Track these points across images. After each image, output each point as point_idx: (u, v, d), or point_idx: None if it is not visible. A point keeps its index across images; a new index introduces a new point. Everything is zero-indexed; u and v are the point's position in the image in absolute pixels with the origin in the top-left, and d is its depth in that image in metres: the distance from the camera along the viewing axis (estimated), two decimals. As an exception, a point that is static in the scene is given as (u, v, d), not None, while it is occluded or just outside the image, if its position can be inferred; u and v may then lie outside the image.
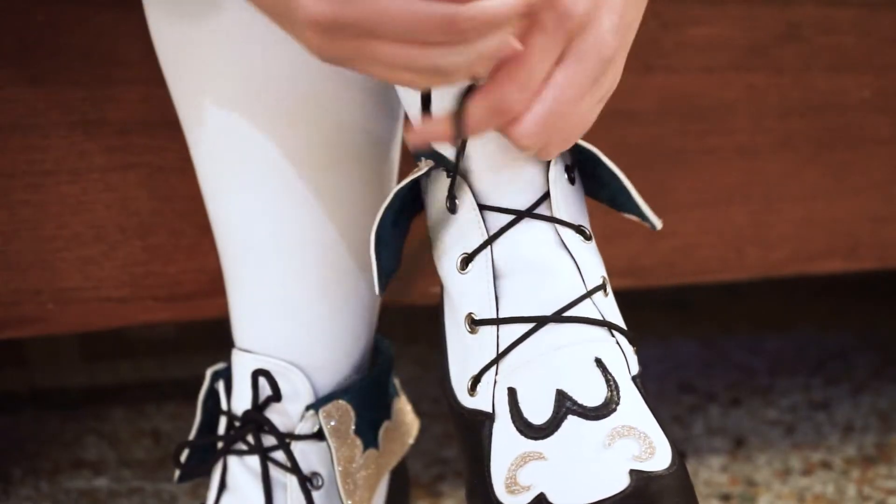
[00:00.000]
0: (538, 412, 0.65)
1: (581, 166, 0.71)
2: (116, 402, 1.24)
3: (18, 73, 0.83)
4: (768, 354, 1.36)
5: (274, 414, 0.77)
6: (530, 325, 0.66)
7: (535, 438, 0.64)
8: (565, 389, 0.64)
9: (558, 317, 0.66)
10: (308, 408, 0.77)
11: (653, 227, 0.71)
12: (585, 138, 0.69)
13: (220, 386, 0.79)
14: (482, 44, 0.57)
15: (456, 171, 0.67)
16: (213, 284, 0.85)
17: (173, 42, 0.75)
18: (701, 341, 1.41)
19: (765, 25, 0.97)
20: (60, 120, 0.84)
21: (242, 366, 0.78)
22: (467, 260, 0.68)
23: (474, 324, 0.67)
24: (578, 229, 0.68)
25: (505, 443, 0.65)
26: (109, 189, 0.85)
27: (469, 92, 0.61)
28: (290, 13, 0.58)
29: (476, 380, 0.67)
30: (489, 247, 0.67)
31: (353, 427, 0.77)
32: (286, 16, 0.59)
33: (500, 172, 0.67)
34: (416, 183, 0.71)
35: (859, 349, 1.35)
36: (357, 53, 0.57)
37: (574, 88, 0.62)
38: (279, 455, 0.76)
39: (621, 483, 0.62)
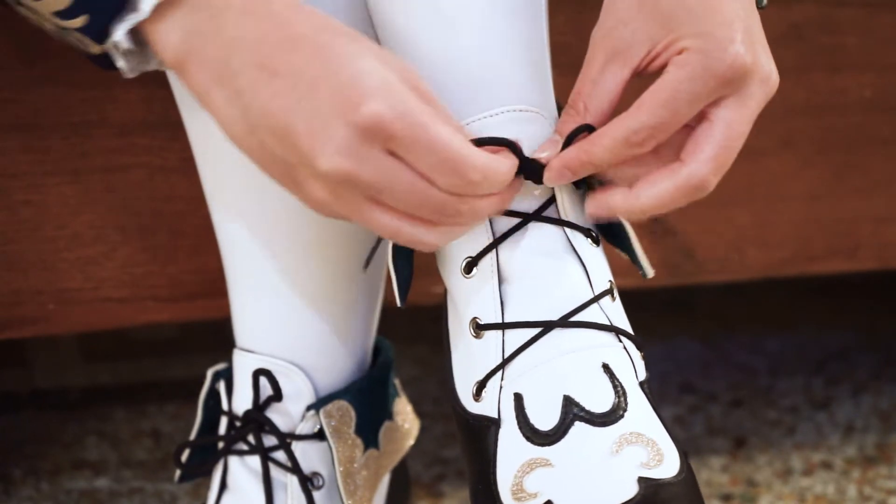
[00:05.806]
0: (545, 418, 0.64)
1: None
2: (117, 403, 1.24)
3: (19, 73, 0.82)
4: (769, 354, 1.36)
5: (275, 414, 0.77)
6: (537, 330, 0.65)
7: (542, 445, 0.64)
8: (572, 395, 0.64)
9: (565, 322, 0.65)
10: (309, 408, 0.77)
11: (644, 274, 0.70)
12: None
13: (221, 386, 0.79)
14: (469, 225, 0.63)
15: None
16: (214, 285, 0.85)
17: None
18: (701, 341, 1.41)
19: (765, 25, 0.96)
20: (61, 120, 0.84)
21: (243, 366, 0.78)
22: (472, 264, 0.67)
23: (479, 328, 0.67)
24: (587, 233, 0.68)
25: (511, 449, 0.65)
26: (110, 189, 0.85)
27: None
28: (302, 161, 0.59)
29: (481, 385, 0.67)
30: (495, 250, 0.67)
31: (353, 427, 0.77)
32: (293, 165, 0.59)
33: None
34: None
35: (860, 349, 1.35)
36: (357, 212, 0.60)
37: (744, 125, 0.65)
38: (280, 455, 0.76)
39: (630, 491, 0.61)
